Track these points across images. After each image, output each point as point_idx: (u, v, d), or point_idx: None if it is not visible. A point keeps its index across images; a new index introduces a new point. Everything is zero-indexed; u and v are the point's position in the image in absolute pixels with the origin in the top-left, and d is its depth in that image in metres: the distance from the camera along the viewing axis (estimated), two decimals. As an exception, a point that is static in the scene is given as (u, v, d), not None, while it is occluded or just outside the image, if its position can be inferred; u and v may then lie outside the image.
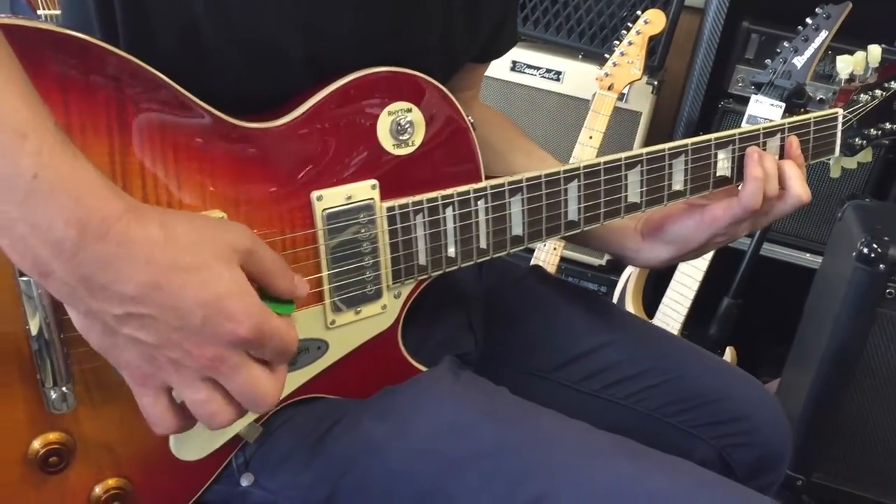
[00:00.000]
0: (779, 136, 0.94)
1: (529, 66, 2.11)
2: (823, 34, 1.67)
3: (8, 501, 0.66)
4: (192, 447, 0.71)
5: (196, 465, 0.72)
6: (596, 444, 0.75)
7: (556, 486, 0.70)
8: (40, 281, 0.54)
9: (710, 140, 0.90)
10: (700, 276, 1.81)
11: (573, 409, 0.92)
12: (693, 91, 2.00)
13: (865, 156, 1.09)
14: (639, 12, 1.90)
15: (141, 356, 0.57)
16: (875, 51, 1.06)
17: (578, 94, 2.07)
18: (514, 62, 2.11)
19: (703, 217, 0.89)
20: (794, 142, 0.94)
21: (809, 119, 0.97)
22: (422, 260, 0.77)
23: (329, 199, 0.71)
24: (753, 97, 1.63)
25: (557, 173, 0.82)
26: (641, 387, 0.97)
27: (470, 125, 0.79)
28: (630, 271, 2.02)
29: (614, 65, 1.91)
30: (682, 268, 1.84)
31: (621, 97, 2.03)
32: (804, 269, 1.96)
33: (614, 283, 2.07)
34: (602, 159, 0.84)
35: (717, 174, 0.92)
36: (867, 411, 1.34)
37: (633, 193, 0.87)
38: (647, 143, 2.00)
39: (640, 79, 1.92)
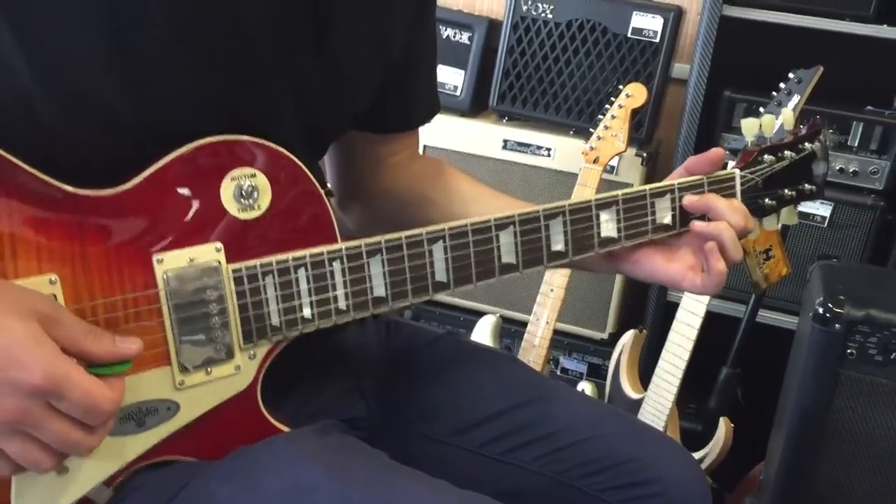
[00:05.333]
0: (668, 195, 0.94)
1: (521, 144, 2.14)
2: (796, 98, 1.66)
3: None
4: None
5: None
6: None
7: None
8: None
9: (590, 202, 0.90)
10: (690, 345, 1.75)
11: (475, 475, 0.91)
12: (681, 160, 1.98)
13: (790, 217, 1.06)
14: (621, 86, 1.92)
15: None
16: (788, 114, 1.04)
17: (570, 169, 2.08)
18: (506, 141, 2.15)
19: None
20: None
21: (702, 179, 0.96)
22: (275, 321, 0.78)
23: (170, 261, 0.74)
24: (731, 164, 1.62)
25: (420, 234, 0.82)
26: (548, 450, 0.94)
27: (322, 192, 0.80)
28: (624, 342, 1.97)
29: (599, 138, 1.92)
30: (672, 337, 1.79)
31: (610, 169, 2.03)
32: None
33: (615, 357, 2.02)
34: (469, 220, 0.85)
35: (602, 235, 0.91)
36: (837, 476, 1.26)
37: (507, 254, 0.87)
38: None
39: (624, 151, 1.93)
